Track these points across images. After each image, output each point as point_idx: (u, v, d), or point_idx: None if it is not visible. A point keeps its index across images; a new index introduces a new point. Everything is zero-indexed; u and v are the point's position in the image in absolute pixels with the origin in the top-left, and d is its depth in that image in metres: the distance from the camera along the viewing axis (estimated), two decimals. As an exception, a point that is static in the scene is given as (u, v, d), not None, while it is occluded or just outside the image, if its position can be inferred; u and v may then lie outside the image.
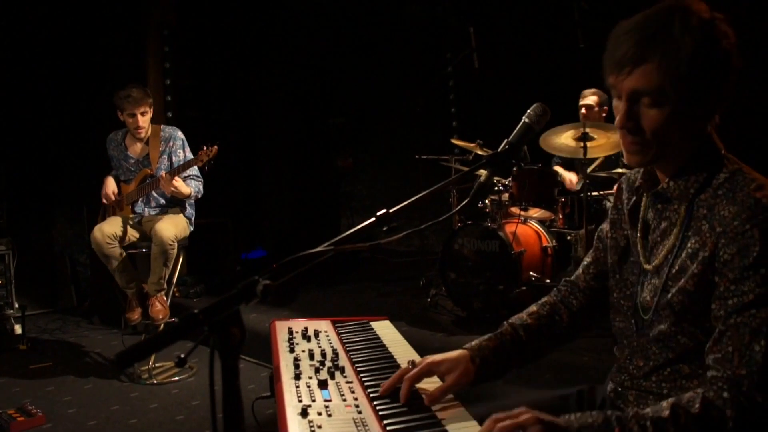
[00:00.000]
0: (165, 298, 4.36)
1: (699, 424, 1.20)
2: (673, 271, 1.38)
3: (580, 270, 1.73)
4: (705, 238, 1.32)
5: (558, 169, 5.09)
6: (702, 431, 1.20)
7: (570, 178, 4.95)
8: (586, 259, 1.72)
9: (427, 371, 1.48)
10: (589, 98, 4.91)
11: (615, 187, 1.64)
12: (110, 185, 4.47)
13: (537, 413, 1.23)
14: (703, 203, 1.35)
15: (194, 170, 4.38)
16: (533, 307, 1.70)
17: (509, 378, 3.18)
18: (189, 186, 4.32)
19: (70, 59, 5.99)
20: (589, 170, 4.41)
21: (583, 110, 4.91)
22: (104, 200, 4.47)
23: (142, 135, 4.38)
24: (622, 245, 1.56)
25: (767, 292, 1.23)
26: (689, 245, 1.35)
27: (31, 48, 5.87)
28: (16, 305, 5.04)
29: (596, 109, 4.88)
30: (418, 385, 1.47)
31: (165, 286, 4.34)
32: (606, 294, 1.62)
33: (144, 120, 4.33)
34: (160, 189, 4.28)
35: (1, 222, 5.53)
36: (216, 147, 4.10)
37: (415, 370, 1.46)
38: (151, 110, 4.39)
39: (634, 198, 1.54)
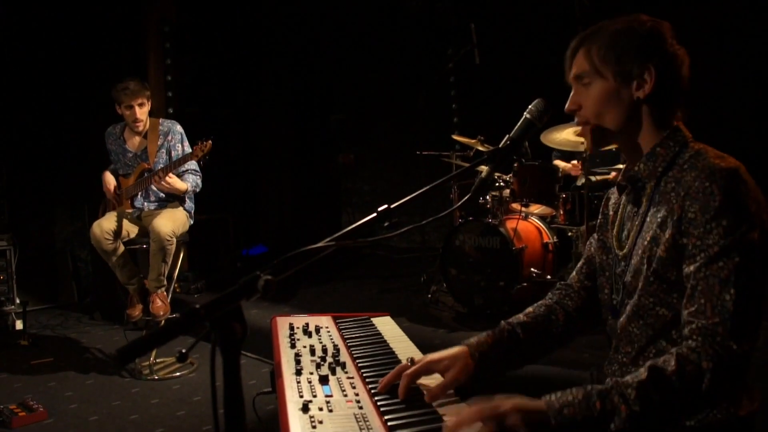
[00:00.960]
0: (165, 294, 4.35)
1: (678, 380, 1.23)
2: (644, 243, 1.44)
3: (574, 273, 1.77)
4: (672, 205, 1.39)
5: (558, 162, 5.08)
6: (681, 386, 1.23)
7: (573, 163, 4.95)
8: (580, 263, 1.76)
9: (426, 369, 1.48)
10: None
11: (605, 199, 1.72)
12: (110, 180, 4.47)
13: (516, 401, 1.24)
14: (671, 179, 1.43)
15: (193, 164, 4.36)
16: (530, 308, 1.73)
17: (510, 375, 3.20)
18: (186, 181, 4.30)
19: (70, 55, 5.98)
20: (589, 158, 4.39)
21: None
22: (108, 195, 4.48)
23: (140, 128, 4.38)
24: (608, 245, 1.63)
25: (731, 242, 1.29)
26: (659, 216, 1.42)
27: (31, 44, 5.87)
28: (18, 301, 5.04)
29: None
30: (418, 381, 1.47)
31: (165, 282, 4.33)
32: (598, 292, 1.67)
33: (141, 112, 4.32)
34: (158, 187, 4.28)
35: (3, 218, 5.53)
36: (210, 142, 4.06)
37: (413, 368, 1.46)
38: (149, 103, 4.39)
39: (619, 198, 1.63)
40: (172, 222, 4.20)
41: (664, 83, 1.45)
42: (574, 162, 4.95)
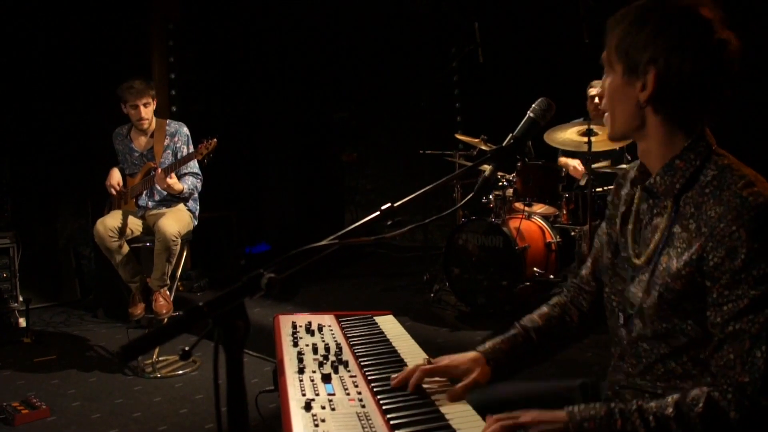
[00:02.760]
0: (168, 293, 4.36)
1: (703, 423, 1.19)
2: (660, 268, 1.34)
3: (583, 271, 1.72)
4: (691, 239, 1.28)
5: (563, 159, 5.07)
6: (705, 430, 1.19)
7: (574, 165, 4.93)
8: (588, 260, 1.71)
9: (444, 371, 1.49)
10: (598, 89, 4.87)
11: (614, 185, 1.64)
12: (115, 176, 4.47)
13: (536, 413, 1.24)
14: (690, 200, 1.31)
15: (195, 167, 4.38)
16: (544, 308, 1.70)
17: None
18: (184, 183, 4.31)
19: (74, 53, 5.99)
20: (594, 166, 4.39)
21: (596, 100, 4.87)
22: (110, 190, 4.48)
23: (145, 126, 4.39)
24: (615, 241, 1.54)
25: (762, 294, 1.19)
26: (676, 243, 1.32)
27: (35, 42, 5.88)
28: (21, 298, 5.06)
29: None
30: (426, 380, 1.48)
31: (168, 281, 4.33)
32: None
33: (147, 111, 4.34)
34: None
35: (6, 215, 5.54)
36: (215, 140, 4.09)
37: (431, 366, 1.47)
38: (155, 102, 4.41)
39: (630, 192, 1.53)
40: (177, 222, 4.21)
41: (669, 85, 1.28)
42: (577, 165, 4.92)
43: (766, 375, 1.18)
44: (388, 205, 1.34)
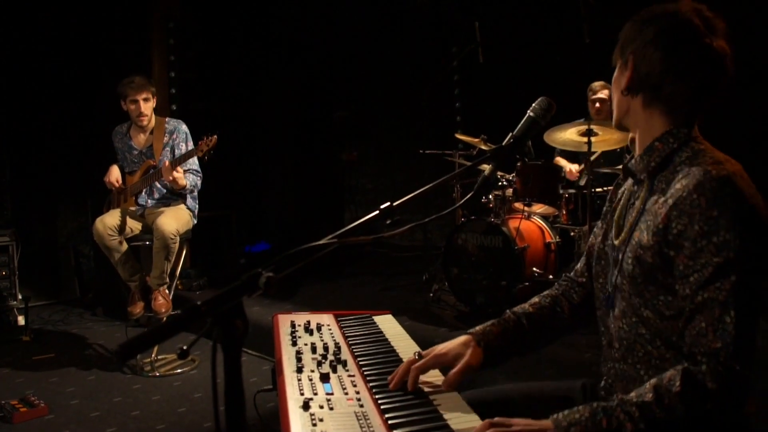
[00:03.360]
0: (167, 292, 4.35)
1: (683, 401, 1.21)
2: (633, 242, 1.40)
3: (578, 265, 1.75)
4: (658, 210, 1.35)
5: (560, 160, 5.07)
6: (686, 407, 1.21)
7: (571, 168, 4.94)
8: (584, 256, 1.74)
9: (434, 362, 1.49)
10: (601, 92, 4.88)
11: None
12: (114, 173, 4.47)
13: (528, 422, 1.26)
14: (663, 178, 1.40)
15: (195, 164, 4.37)
16: (536, 298, 1.73)
17: (511, 372, 3.19)
18: (186, 180, 4.32)
19: (74, 51, 5.99)
20: (592, 158, 4.38)
21: (597, 104, 4.87)
22: (109, 187, 4.48)
23: (145, 122, 4.39)
24: (605, 231, 1.60)
25: (725, 260, 1.23)
26: (647, 218, 1.38)
27: (36, 40, 5.87)
28: (20, 296, 5.05)
29: (609, 102, 4.85)
30: (421, 377, 1.47)
31: (167, 280, 4.33)
32: None
33: (146, 107, 4.34)
34: (163, 180, 4.28)
35: (5, 213, 5.54)
36: (215, 137, 4.08)
37: (422, 361, 1.47)
38: (154, 99, 4.42)
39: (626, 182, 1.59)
40: (176, 221, 4.21)
41: (641, 72, 1.41)
42: (573, 168, 4.93)
43: (737, 340, 1.21)
44: (387, 203, 1.34)
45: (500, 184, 4.84)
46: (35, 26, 5.86)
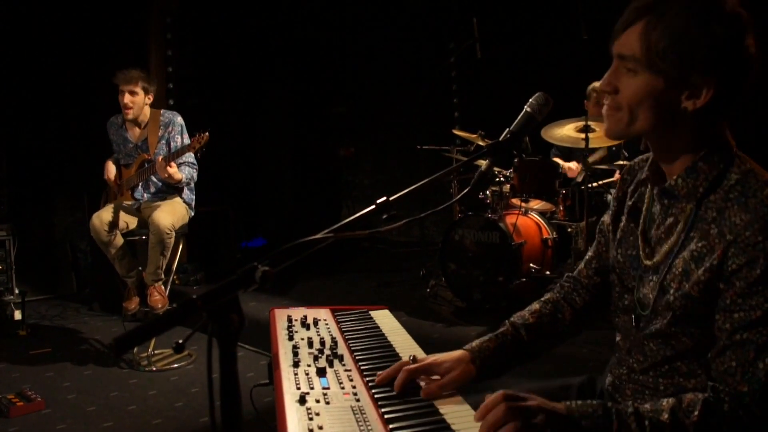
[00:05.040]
0: (163, 288, 4.35)
1: (697, 430, 1.20)
2: (675, 271, 1.33)
3: (582, 265, 1.70)
4: (713, 244, 1.26)
5: (557, 160, 5.07)
6: None
7: (570, 166, 4.94)
8: (588, 254, 1.69)
9: (427, 369, 1.46)
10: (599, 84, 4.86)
11: (616, 175, 1.62)
12: (111, 170, 4.46)
13: (542, 401, 1.24)
14: (712, 204, 1.29)
15: (190, 157, 4.36)
16: (536, 305, 1.67)
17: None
18: (181, 173, 4.31)
19: (72, 46, 5.97)
20: (590, 160, 4.38)
21: (593, 94, 4.86)
22: (110, 183, 4.48)
23: (130, 116, 4.36)
24: (622, 238, 1.53)
25: None
26: (694, 247, 1.30)
27: (32, 35, 5.85)
28: (17, 291, 5.04)
29: None
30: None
31: (163, 275, 4.33)
32: (608, 289, 1.59)
33: (132, 100, 4.32)
34: (158, 174, 4.28)
35: (2, 208, 5.52)
36: (207, 134, 4.07)
37: (414, 365, 1.45)
38: (148, 96, 4.39)
39: (639, 189, 1.51)
40: (171, 215, 4.20)
41: (722, 97, 1.26)
42: (572, 166, 4.93)
43: (765, 387, 1.19)
44: (384, 198, 1.33)
45: (498, 180, 4.84)
46: (32, 21, 5.84)
